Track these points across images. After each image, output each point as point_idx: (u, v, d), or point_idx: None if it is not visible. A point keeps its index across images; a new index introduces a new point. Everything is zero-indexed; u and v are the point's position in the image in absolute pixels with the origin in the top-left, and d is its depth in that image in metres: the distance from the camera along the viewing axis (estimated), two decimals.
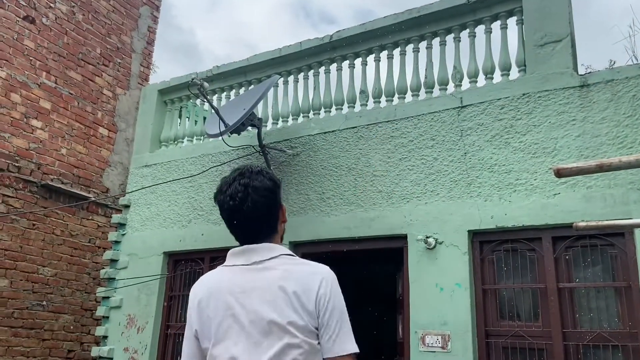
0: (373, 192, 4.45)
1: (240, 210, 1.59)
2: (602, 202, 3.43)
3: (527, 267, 3.72)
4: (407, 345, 3.93)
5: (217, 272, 1.63)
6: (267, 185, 1.63)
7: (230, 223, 1.64)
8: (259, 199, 1.60)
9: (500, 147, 3.94)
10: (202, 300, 1.58)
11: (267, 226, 1.64)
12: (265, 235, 1.63)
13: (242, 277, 1.55)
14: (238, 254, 1.61)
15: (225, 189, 1.63)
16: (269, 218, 1.65)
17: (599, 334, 3.33)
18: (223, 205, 1.63)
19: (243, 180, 1.61)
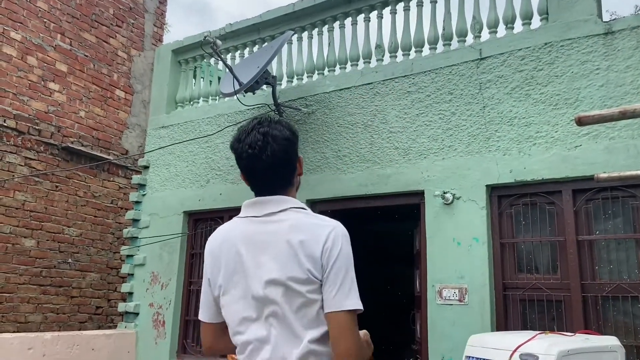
0: (390, 148, 4.41)
1: (259, 159, 1.57)
2: (625, 152, 3.35)
3: (546, 220, 3.69)
4: (425, 299, 3.98)
5: (230, 224, 1.64)
6: (286, 134, 1.61)
7: (247, 172, 1.63)
8: (278, 147, 1.58)
9: (521, 100, 3.85)
10: (215, 250, 1.60)
11: (284, 177, 1.63)
12: (281, 186, 1.62)
13: (252, 228, 1.56)
14: (251, 205, 1.61)
15: (243, 137, 1.61)
16: (287, 168, 1.63)
17: (619, 285, 3.32)
18: (241, 154, 1.60)
19: (262, 129, 1.59)
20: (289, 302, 1.47)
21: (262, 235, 1.54)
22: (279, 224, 1.54)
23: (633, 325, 3.25)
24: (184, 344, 5.28)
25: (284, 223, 1.53)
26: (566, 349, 2.21)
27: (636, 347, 3.19)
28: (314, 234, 1.50)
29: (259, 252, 1.53)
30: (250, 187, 1.66)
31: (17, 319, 5.98)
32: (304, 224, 1.53)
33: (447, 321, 3.78)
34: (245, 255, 1.54)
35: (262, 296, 1.49)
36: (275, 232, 1.53)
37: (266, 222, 1.56)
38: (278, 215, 1.56)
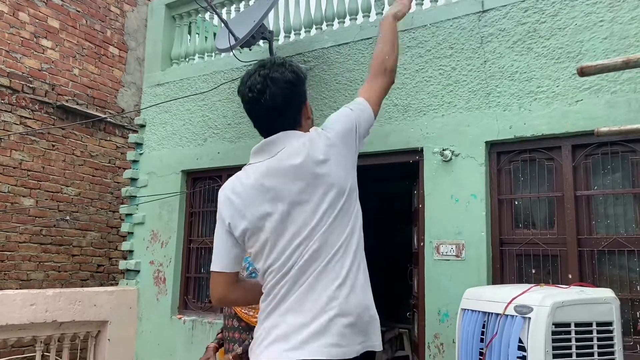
0: (388, 105, 4.35)
1: (259, 102, 1.55)
2: (627, 107, 3.31)
3: (545, 176, 3.68)
4: (422, 254, 4.02)
5: (242, 172, 1.61)
6: (288, 77, 1.57)
7: (250, 116, 1.61)
8: (277, 90, 1.54)
9: (522, 54, 3.77)
10: (231, 195, 1.57)
11: (288, 120, 1.59)
12: (288, 129, 1.59)
13: (269, 168, 1.54)
14: (259, 150, 1.58)
15: (246, 80, 1.59)
16: (288, 111, 1.59)
17: (615, 239, 3.34)
18: (244, 97, 1.60)
19: (263, 71, 1.56)
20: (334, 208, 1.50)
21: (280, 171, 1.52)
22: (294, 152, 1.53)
23: (628, 279, 3.29)
24: (185, 300, 5.36)
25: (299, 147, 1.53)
26: (560, 300, 2.24)
27: (630, 299, 3.24)
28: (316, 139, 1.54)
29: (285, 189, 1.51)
30: (258, 131, 1.63)
31: (19, 276, 6.06)
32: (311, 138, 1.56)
33: (444, 276, 3.82)
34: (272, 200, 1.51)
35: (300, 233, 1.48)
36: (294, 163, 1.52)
37: (280, 159, 1.53)
38: (289, 148, 1.55)
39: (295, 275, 1.44)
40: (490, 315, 2.44)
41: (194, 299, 5.35)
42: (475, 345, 2.47)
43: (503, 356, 2.28)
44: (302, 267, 1.44)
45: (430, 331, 3.84)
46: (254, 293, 1.61)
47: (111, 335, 5.22)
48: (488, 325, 2.44)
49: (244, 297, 1.66)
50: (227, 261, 1.58)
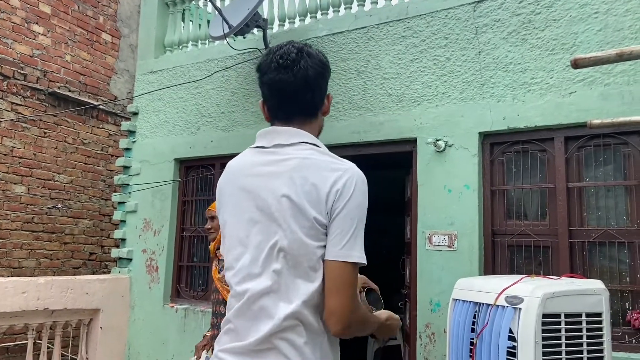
0: (383, 95, 4.35)
1: (288, 70, 1.40)
2: (620, 99, 3.31)
3: (537, 167, 3.69)
4: (415, 245, 4.03)
5: (241, 155, 1.51)
6: (321, 58, 1.47)
7: (272, 88, 1.45)
8: (312, 65, 1.42)
9: (517, 45, 3.77)
10: (223, 183, 1.50)
11: (309, 104, 1.46)
12: (303, 114, 1.45)
13: (260, 159, 1.43)
14: (263, 134, 1.47)
15: (275, 50, 1.45)
16: (315, 94, 1.45)
17: (606, 231, 3.36)
18: (270, 64, 1.43)
19: (297, 44, 1.45)
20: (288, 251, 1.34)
21: (268, 167, 1.40)
22: (286, 158, 1.38)
23: (618, 270, 3.32)
24: (177, 289, 5.36)
25: (293, 158, 1.37)
26: (551, 291, 2.26)
27: (620, 291, 3.28)
28: (323, 174, 1.34)
29: (256, 193, 1.39)
30: (269, 113, 1.50)
31: (10, 264, 6.03)
32: (314, 162, 1.36)
33: (436, 266, 3.84)
34: (241, 198, 1.42)
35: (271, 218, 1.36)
36: (281, 165, 1.38)
37: (274, 154, 1.41)
38: (287, 148, 1.40)
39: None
40: (481, 305, 2.46)
41: (186, 288, 5.35)
42: (466, 335, 2.49)
43: (493, 346, 2.30)
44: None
45: (421, 321, 3.87)
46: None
47: (103, 323, 5.22)
48: (479, 315, 2.45)
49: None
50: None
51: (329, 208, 1.32)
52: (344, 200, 1.32)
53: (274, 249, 1.35)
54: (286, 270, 1.33)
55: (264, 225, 1.37)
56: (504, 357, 2.23)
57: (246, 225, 1.40)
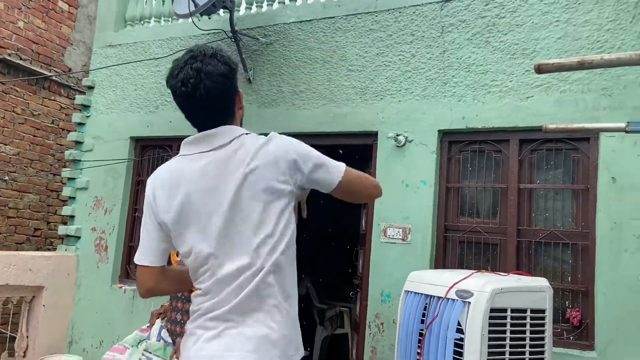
0: (347, 87, 4.36)
1: (193, 97, 1.49)
2: (574, 106, 3.46)
3: (492, 167, 3.81)
4: (369, 237, 4.09)
5: (175, 162, 1.57)
6: (221, 70, 1.53)
7: (183, 109, 1.56)
8: (212, 85, 1.50)
9: (480, 46, 3.86)
10: (163, 191, 1.54)
11: (223, 113, 1.57)
12: (222, 121, 1.56)
13: (204, 161, 1.50)
14: (195, 141, 1.54)
15: (176, 73, 1.52)
16: (224, 105, 1.57)
17: (552, 232, 3.52)
18: (175, 90, 1.53)
19: (195, 64, 1.50)
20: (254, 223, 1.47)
21: (217, 167, 1.49)
22: (234, 153, 1.49)
23: (561, 270, 3.48)
24: (127, 269, 5.24)
25: (239, 150, 1.49)
26: (499, 287, 2.35)
27: (562, 289, 3.44)
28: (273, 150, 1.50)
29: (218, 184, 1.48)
30: (190, 123, 1.58)
31: None
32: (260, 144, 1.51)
33: (389, 258, 3.91)
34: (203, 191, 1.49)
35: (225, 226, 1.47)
36: (232, 160, 1.48)
37: (219, 154, 1.50)
38: (230, 145, 1.51)
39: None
40: (432, 298, 2.52)
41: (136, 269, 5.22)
42: (416, 326, 2.56)
43: (442, 338, 2.37)
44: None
45: (372, 311, 3.94)
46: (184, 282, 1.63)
47: (46, 301, 5.04)
48: (429, 307, 2.52)
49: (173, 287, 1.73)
50: (154, 255, 1.59)
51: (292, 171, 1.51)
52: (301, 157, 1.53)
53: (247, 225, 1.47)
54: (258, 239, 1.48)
55: (234, 209, 1.47)
56: (451, 349, 2.31)
57: (216, 217, 1.48)
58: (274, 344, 1.44)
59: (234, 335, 1.43)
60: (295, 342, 1.51)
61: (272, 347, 1.43)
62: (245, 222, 1.46)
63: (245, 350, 1.41)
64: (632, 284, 3.15)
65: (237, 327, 1.44)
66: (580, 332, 3.35)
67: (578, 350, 3.27)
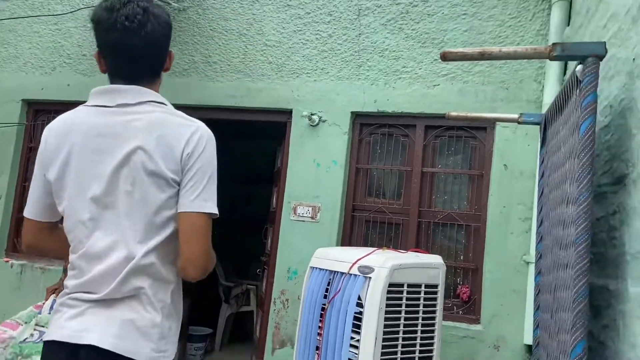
0: (263, 62, 4.30)
1: (136, 35, 1.38)
2: (475, 97, 3.67)
3: (399, 151, 3.96)
4: (279, 214, 4.10)
5: (74, 112, 1.44)
6: (165, 18, 1.46)
7: (115, 48, 1.41)
8: (158, 28, 1.41)
9: (394, 32, 3.96)
10: (53, 140, 1.42)
11: (153, 65, 1.47)
12: (147, 76, 1.46)
13: (101, 119, 1.39)
14: (102, 93, 1.42)
15: (117, 7, 1.38)
16: (158, 56, 1.47)
17: (449, 214, 3.74)
18: (114, 24, 1.37)
19: (142, 3, 1.40)
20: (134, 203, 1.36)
21: (111, 128, 1.37)
22: (133, 118, 1.38)
23: (455, 249, 3.73)
24: (14, 243, 4.84)
25: (140, 118, 1.38)
26: (398, 263, 2.46)
27: (454, 267, 3.68)
28: (176, 132, 1.38)
29: (106, 147, 1.37)
30: (109, 69, 1.45)
31: None
32: (165, 121, 1.39)
33: (298, 236, 3.96)
34: (89, 150, 1.38)
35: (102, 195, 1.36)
36: (129, 125, 1.37)
37: (118, 114, 1.39)
38: (134, 107, 1.40)
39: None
40: (335, 273, 2.59)
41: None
42: (319, 300, 2.62)
43: (342, 311, 2.45)
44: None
45: (277, 287, 3.97)
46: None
47: None
48: (333, 282, 2.59)
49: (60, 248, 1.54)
50: (39, 209, 1.48)
51: (183, 164, 1.37)
52: (197, 156, 1.38)
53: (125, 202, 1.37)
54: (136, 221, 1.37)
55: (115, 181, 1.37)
56: (351, 322, 2.39)
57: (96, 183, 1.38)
58: (143, 333, 1.33)
59: (98, 315, 1.34)
60: (169, 336, 1.40)
61: (139, 334, 1.33)
62: (124, 198, 1.36)
63: (108, 334, 1.31)
64: (516, 264, 3.44)
65: (102, 308, 1.34)
66: (469, 307, 3.61)
67: (466, 323, 3.53)
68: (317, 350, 2.56)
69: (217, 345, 5.80)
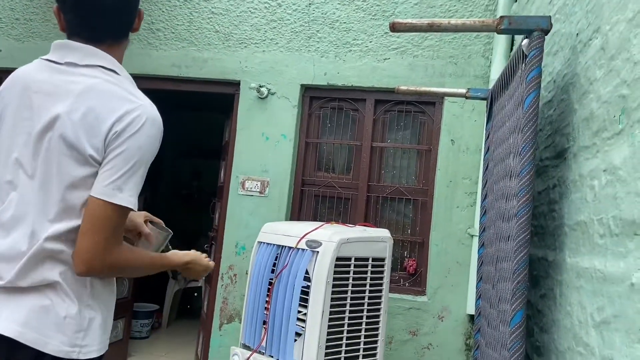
0: (209, 31, 4.14)
1: None
2: (424, 71, 3.68)
3: (349, 125, 3.93)
4: (227, 189, 4.01)
5: (31, 64, 1.34)
6: None
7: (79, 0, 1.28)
8: None
9: (344, 4, 3.89)
10: (3, 91, 1.33)
11: (121, 23, 1.35)
12: (112, 37, 1.33)
13: (46, 75, 1.28)
14: (56, 47, 1.31)
15: None
16: (130, 10, 1.36)
17: (397, 188, 3.77)
18: None
19: None
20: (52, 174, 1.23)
21: (49, 86, 1.26)
22: (75, 80, 1.26)
23: (402, 223, 3.77)
24: None
25: (80, 81, 1.26)
26: (346, 237, 2.45)
27: (402, 241, 3.73)
28: (110, 105, 1.23)
29: (38, 106, 1.26)
30: (68, 27, 1.32)
31: None
32: (103, 90, 1.25)
33: (246, 211, 3.89)
34: (24, 106, 1.27)
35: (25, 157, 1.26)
36: (67, 87, 1.25)
37: (62, 73, 1.27)
38: (80, 69, 1.28)
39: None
40: (283, 248, 2.56)
41: None
42: (267, 275, 2.58)
43: (289, 285, 2.42)
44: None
45: (225, 263, 3.91)
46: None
47: None
48: (280, 257, 2.55)
49: None
50: None
51: (107, 142, 1.21)
52: (125, 137, 1.22)
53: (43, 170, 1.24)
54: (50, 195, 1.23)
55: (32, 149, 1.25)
56: (298, 296, 2.37)
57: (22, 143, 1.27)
58: (54, 323, 1.20)
59: (5, 300, 1.20)
60: (90, 329, 1.25)
61: (50, 324, 1.19)
62: (42, 166, 1.24)
63: (13, 320, 1.18)
64: (461, 237, 3.52)
65: (11, 293, 1.21)
66: (415, 280, 3.68)
67: (412, 295, 3.60)
68: (264, 324, 2.54)
69: (164, 322, 5.70)
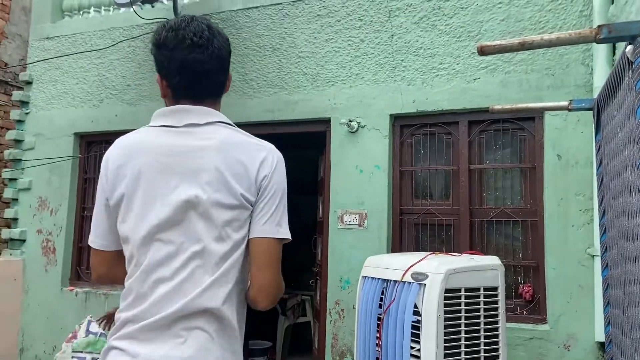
0: (298, 74, 4.31)
1: (204, 50, 1.35)
2: (518, 87, 3.53)
3: (443, 150, 3.86)
4: (327, 224, 4.08)
5: (137, 133, 1.38)
6: (226, 36, 1.45)
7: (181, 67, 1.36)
8: (223, 45, 1.40)
9: (427, 30, 3.87)
10: (115, 164, 1.34)
11: (217, 85, 1.42)
12: (211, 95, 1.41)
13: (170, 139, 1.33)
14: (167, 114, 1.37)
15: (183, 25, 1.36)
16: (224, 73, 1.44)
17: (502, 210, 3.60)
18: (182, 41, 1.34)
19: (203, 22, 1.39)
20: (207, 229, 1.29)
21: (180, 148, 1.31)
22: (204, 138, 1.32)
23: (512, 247, 3.58)
24: (77, 271, 5.04)
25: (211, 138, 1.32)
26: (453, 267, 2.38)
27: (513, 266, 3.53)
28: (250, 153, 1.33)
29: (174, 169, 1.30)
30: (173, 90, 1.40)
31: None
32: (238, 141, 1.34)
33: (347, 244, 3.92)
34: (157, 170, 1.31)
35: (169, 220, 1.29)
36: (199, 147, 1.30)
37: (187, 134, 1.33)
38: (203, 127, 1.34)
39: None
40: (388, 282, 2.53)
41: (87, 270, 5.05)
42: (374, 310, 2.56)
43: (399, 320, 2.38)
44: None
45: (331, 298, 3.94)
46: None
47: None
48: (386, 291, 2.53)
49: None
50: (106, 239, 1.41)
51: (258, 186, 1.33)
52: (271, 179, 1.35)
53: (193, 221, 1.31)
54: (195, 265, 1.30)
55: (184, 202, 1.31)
56: (409, 331, 2.33)
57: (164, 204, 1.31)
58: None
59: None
60: None
61: None
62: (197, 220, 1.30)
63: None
64: (581, 258, 3.27)
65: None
66: (533, 307, 3.45)
67: (532, 324, 3.38)
68: None
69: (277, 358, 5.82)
